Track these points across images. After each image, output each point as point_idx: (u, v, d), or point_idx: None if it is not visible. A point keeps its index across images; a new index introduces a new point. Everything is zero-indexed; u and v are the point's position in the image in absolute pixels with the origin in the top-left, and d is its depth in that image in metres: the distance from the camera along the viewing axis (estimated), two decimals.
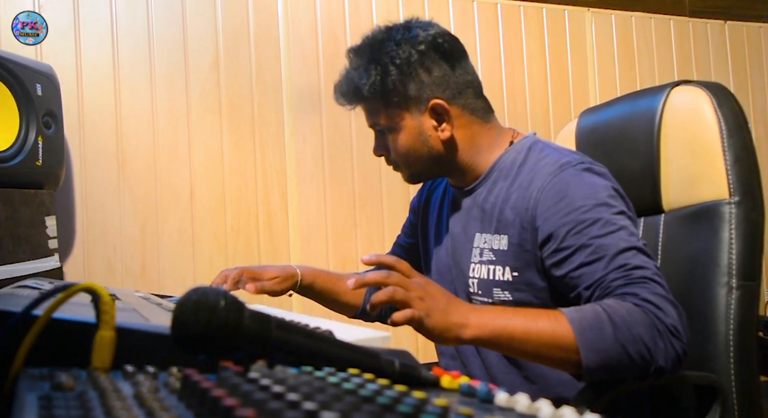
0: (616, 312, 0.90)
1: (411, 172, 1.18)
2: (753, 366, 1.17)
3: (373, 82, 1.10)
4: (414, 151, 1.14)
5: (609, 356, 0.89)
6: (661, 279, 0.96)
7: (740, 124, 1.22)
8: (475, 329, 0.89)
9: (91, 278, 1.85)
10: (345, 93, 1.16)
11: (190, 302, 0.49)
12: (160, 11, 2.05)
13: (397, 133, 1.13)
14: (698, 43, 2.77)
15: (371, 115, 1.16)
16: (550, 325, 0.91)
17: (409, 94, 1.11)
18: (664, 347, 0.90)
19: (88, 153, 1.93)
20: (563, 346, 0.90)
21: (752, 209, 1.19)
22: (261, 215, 2.09)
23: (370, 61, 1.11)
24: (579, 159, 1.08)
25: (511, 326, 0.91)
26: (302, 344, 0.53)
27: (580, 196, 1.02)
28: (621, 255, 0.96)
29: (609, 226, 0.99)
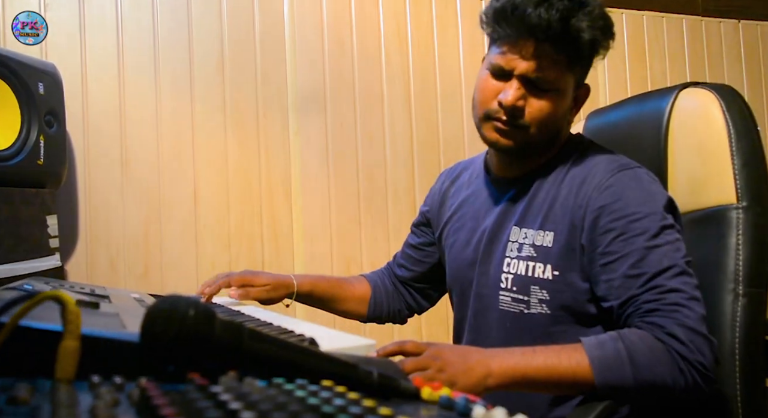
0: (637, 350, 0.91)
1: (530, 140, 1.08)
2: (759, 374, 1.14)
3: (596, 38, 1.02)
4: (556, 122, 1.09)
5: (629, 397, 0.92)
6: (695, 304, 0.96)
7: (749, 128, 1.19)
8: (498, 378, 0.91)
9: (94, 278, 1.85)
10: (552, 26, 0.98)
11: (159, 310, 0.48)
12: (166, 11, 2.04)
13: (558, 98, 1.07)
14: (711, 43, 2.73)
15: (554, 68, 1.03)
16: (570, 367, 0.92)
17: (587, 67, 1.10)
18: (685, 384, 0.91)
19: (91, 152, 1.93)
20: (582, 386, 0.92)
21: (760, 215, 1.16)
22: (265, 215, 2.08)
23: (601, 18, 1.03)
24: (631, 162, 1.09)
25: (533, 369, 0.92)
26: (276, 355, 0.51)
27: (635, 202, 1.01)
28: (661, 275, 0.96)
29: (657, 239, 0.98)
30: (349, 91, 2.21)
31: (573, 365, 0.92)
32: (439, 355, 0.89)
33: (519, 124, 1.07)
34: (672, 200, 1.06)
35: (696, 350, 0.92)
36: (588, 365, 0.91)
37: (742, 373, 1.12)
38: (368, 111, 2.22)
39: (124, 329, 0.57)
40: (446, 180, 1.34)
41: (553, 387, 0.94)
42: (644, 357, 0.90)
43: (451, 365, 0.89)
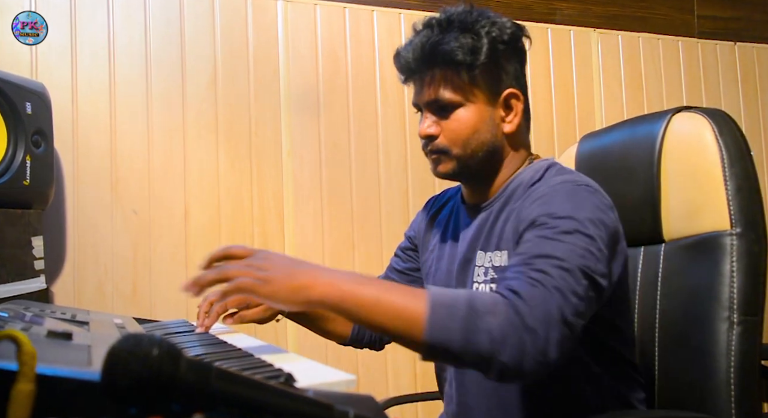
0: (479, 298, 0.85)
1: (458, 161, 1.09)
2: (755, 402, 1.11)
3: (469, 49, 1.04)
4: (478, 134, 1.08)
5: (451, 338, 0.82)
6: (557, 294, 0.86)
7: (742, 153, 1.18)
8: (323, 290, 0.84)
9: (81, 300, 1.83)
10: (427, 56, 1.06)
11: (120, 350, 0.46)
12: (158, 28, 2.04)
13: (466, 110, 1.07)
14: (707, 65, 2.73)
15: (442, 86, 1.07)
16: (404, 297, 0.86)
17: (494, 73, 1.08)
18: (513, 343, 0.82)
19: (80, 172, 1.91)
20: (411, 320, 0.84)
21: (754, 241, 1.15)
22: (257, 235, 2.06)
23: (466, 31, 1.06)
24: (590, 183, 1.03)
25: (360, 290, 0.85)
26: (245, 396, 0.49)
27: (559, 204, 0.97)
28: (540, 258, 0.90)
29: (562, 235, 0.92)
30: (343, 110, 2.20)
31: (408, 297, 0.86)
32: (265, 265, 0.85)
33: (438, 149, 1.10)
34: (605, 221, 0.98)
35: (538, 315, 0.84)
36: (425, 300, 0.85)
37: (738, 402, 1.09)
38: (362, 131, 2.21)
39: (90, 366, 0.55)
40: (432, 207, 1.34)
41: (380, 319, 0.84)
42: (484, 305, 0.84)
43: (274, 266, 0.85)
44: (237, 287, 0.83)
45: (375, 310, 0.84)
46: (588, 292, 0.90)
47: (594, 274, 0.91)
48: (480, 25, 1.06)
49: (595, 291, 0.91)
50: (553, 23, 2.53)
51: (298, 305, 0.84)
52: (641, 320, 1.29)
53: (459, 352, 0.83)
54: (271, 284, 0.83)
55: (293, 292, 0.83)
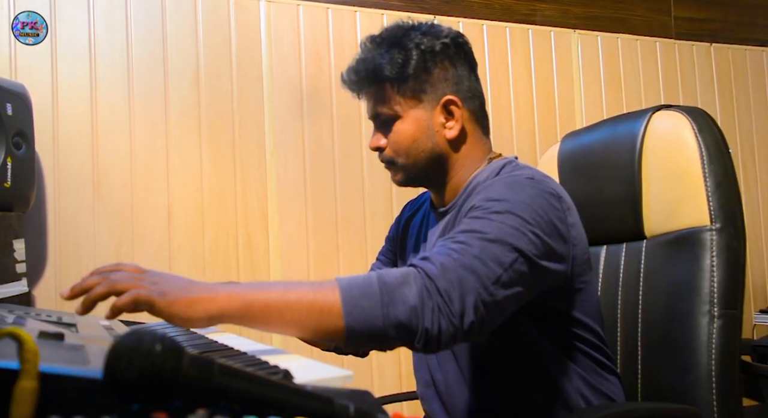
0: (389, 273, 0.85)
1: (405, 169, 1.14)
2: (735, 396, 1.14)
3: (396, 64, 1.07)
4: (417, 143, 1.11)
5: (370, 316, 0.82)
6: (477, 263, 0.87)
7: (721, 150, 1.21)
8: (224, 301, 0.79)
9: (63, 303, 1.80)
10: (360, 73, 1.11)
11: (123, 346, 0.46)
12: (140, 28, 2.02)
13: (403, 121, 1.11)
14: (684, 66, 2.78)
15: (380, 102, 1.11)
16: (313, 289, 0.83)
17: (427, 83, 1.10)
18: (431, 307, 0.83)
19: (62, 173, 1.89)
20: (325, 309, 0.82)
21: (734, 236, 1.17)
22: (241, 236, 2.06)
23: (393, 45, 1.09)
24: (534, 175, 1.03)
25: (265, 293, 0.82)
26: (247, 391, 0.49)
27: (496, 190, 0.98)
28: (464, 233, 0.91)
29: (492, 215, 0.93)
30: (326, 110, 2.21)
31: (316, 287, 0.84)
32: (160, 274, 0.81)
33: (387, 160, 1.15)
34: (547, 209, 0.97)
35: (449, 280, 0.84)
36: (335, 287, 0.83)
37: (719, 394, 1.12)
38: (346, 131, 2.22)
39: (88, 365, 0.55)
40: (409, 210, 1.35)
41: (292, 316, 0.81)
42: (395, 278, 0.84)
43: (169, 281, 0.79)
44: (132, 298, 0.76)
45: (285, 309, 0.81)
46: (515, 264, 0.89)
47: (524, 249, 0.91)
48: (409, 39, 1.09)
49: (524, 266, 0.91)
50: (533, 24, 2.56)
51: (197, 321, 0.78)
52: (623, 314, 1.31)
53: (381, 328, 0.82)
54: (167, 296, 0.77)
55: (191, 305, 0.77)
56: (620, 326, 1.31)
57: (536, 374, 1.07)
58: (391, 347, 0.87)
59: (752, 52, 2.92)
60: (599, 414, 0.94)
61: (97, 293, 0.79)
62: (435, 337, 0.83)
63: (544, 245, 0.94)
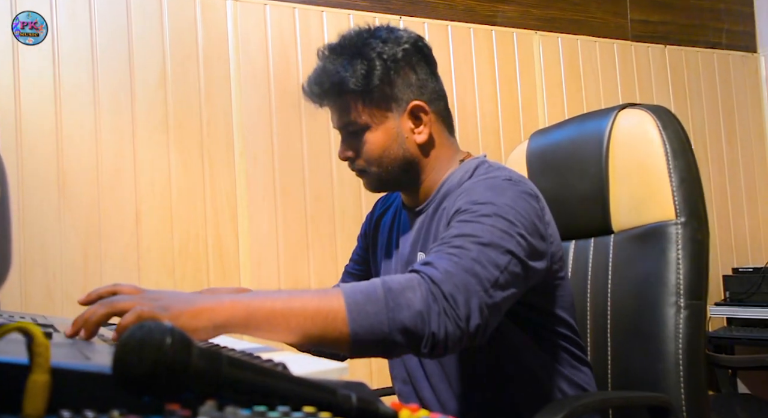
0: (393, 279, 0.85)
1: (378, 177, 1.14)
2: (701, 383, 1.18)
3: (359, 76, 1.06)
4: (389, 151, 1.11)
5: (375, 322, 0.82)
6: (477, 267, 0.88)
7: (684, 147, 1.26)
8: (228, 310, 0.79)
9: (28, 306, 1.77)
10: (323, 85, 1.09)
11: (133, 339, 0.46)
12: (104, 26, 1.99)
13: (372, 132, 1.11)
14: (641, 67, 2.86)
15: (346, 113, 1.11)
16: (317, 296, 0.84)
17: (392, 92, 1.10)
18: (438, 311, 0.83)
19: (25, 174, 1.85)
20: (330, 316, 0.82)
21: (697, 230, 1.22)
22: (210, 237, 2.04)
23: (355, 56, 1.08)
24: (512, 176, 1.06)
25: (270, 301, 0.82)
26: (255, 382, 0.50)
27: (480, 193, 1.00)
28: (459, 238, 0.92)
29: (482, 218, 0.95)
30: (295, 110, 2.20)
31: (321, 294, 0.84)
32: (160, 297, 0.80)
33: (358, 169, 1.15)
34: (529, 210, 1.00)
35: (452, 284, 0.85)
36: (340, 295, 0.83)
37: (687, 382, 1.16)
38: (315, 130, 2.22)
39: (89, 361, 0.55)
40: (381, 208, 1.36)
41: (297, 323, 0.81)
42: (399, 283, 0.84)
43: (170, 297, 0.80)
44: (137, 315, 0.75)
45: (290, 316, 0.81)
46: (509, 266, 0.92)
47: (515, 252, 0.93)
48: (370, 48, 1.08)
49: (517, 267, 0.93)
50: (496, 25, 2.61)
51: (203, 331, 0.77)
52: (593, 307, 1.35)
53: (387, 334, 0.82)
54: (171, 310, 0.76)
55: (195, 316, 0.77)
56: (590, 318, 1.35)
57: (515, 368, 1.10)
58: (397, 354, 0.88)
59: (703, 54, 3.03)
60: (578, 403, 0.97)
61: (99, 314, 0.77)
62: (442, 341, 0.84)
63: (529, 246, 0.96)
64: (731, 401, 2.69)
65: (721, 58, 3.07)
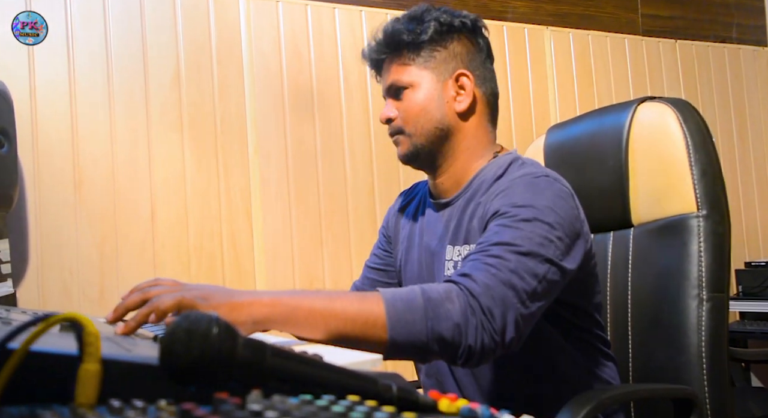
0: (432, 289, 0.86)
1: (412, 140, 1.14)
2: (725, 376, 1.18)
3: (414, 31, 1.11)
4: (427, 112, 1.13)
5: (415, 331, 0.83)
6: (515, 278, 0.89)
7: (705, 139, 1.25)
8: (268, 306, 0.80)
9: (46, 303, 1.77)
10: (379, 43, 1.14)
11: (180, 329, 0.46)
12: (119, 25, 1.99)
13: (415, 90, 1.13)
14: (651, 62, 2.85)
15: (396, 68, 1.14)
16: (357, 299, 0.85)
17: (440, 54, 1.13)
18: (475, 325, 0.85)
19: (42, 173, 1.85)
20: (370, 320, 0.83)
21: (719, 222, 1.22)
22: (225, 234, 2.04)
23: (414, 18, 1.14)
24: (549, 173, 1.07)
25: (310, 300, 0.83)
26: (298, 372, 0.50)
27: (519, 194, 1.00)
28: (498, 246, 0.92)
29: (521, 223, 0.95)
30: (308, 107, 2.21)
31: (360, 298, 0.85)
32: (199, 287, 0.81)
33: (395, 130, 1.16)
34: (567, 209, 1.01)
35: (490, 297, 0.86)
36: (379, 299, 0.84)
37: (710, 375, 1.16)
38: (327, 127, 2.22)
39: (130, 352, 0.55)
40: (404, 201, 1.35)
41: (336, 325, 0.82)
42: (438, 294, 0.85)
43: (209, 288, 0.81)
44: (177, 301, 0.76)
45: (330, 318, 0.82)
46: (547, 275, 0.93)
47: (554, 258, 0.94)
48: (428, 13, 1.14)
49: (556, 275, 0.94)
50: (507, 21, 2.60)
51: (242, 325, 0.76)
52: (613, 301, 1.35)
53: (424, 343, 0.84)
54: (211, 301, 0.77)
55: (234, 310, 0.77)
56: (610, 311, 1.35)
57: (543, 364, 1.09)
58: (430, 360, 0.89)
59: (714, 48, 3.02)
60: (605, 395, 0.97)
61: (136, 300, 0.79)
62: (477, 353, 0.85)
63: (566, 248, 0.97)
64: (745, 394, 2.69)
65: (732, 52, 3.05)
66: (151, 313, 0.78)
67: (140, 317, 0.78)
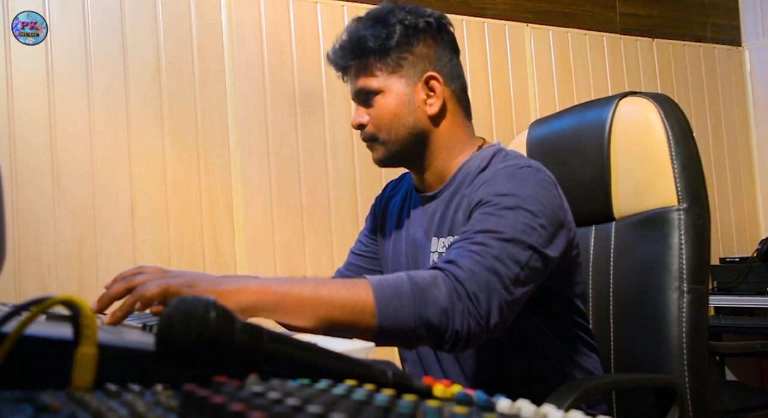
0: (418, 275, 0.87)
1: (387, 147, 1.14)
2: (704, 366, 1.20)
3: (379, 37, 1.09)
4: (399, 118, 1.12)
5: (403, 316, 0.84)
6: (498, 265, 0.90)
7: (686, 134, 1.27)
8: (255, 293, 0.79)
9: (23, 297, 1.74)
10: (345, 48, 1.12)
11: (178, 313, 0.46)
12: (98, 18, 1.96)
13: (385, 96, 1.12)
14: (629, 60, 2.89)
15: (363, 75, 1.12)
16: (345, 286, 0.85)
17: (408, 57, 1.12)
18: (461, 310, 0.86)
19: (19, 166, 1.82)
20: (358, 307, 0.83)
21: (699, 215, 1.24)
22: (206, 229, 2.03)
23: (378, 21, 1.12)
24: (531, 163, 1.08)
25: (298, 287, 0.83)
26: (295, 356, 0.50)
27: (502, 184, 1.01)
28: (482, 233, 0.93)
29: (504, 211, 0.96)
30: (289, 101, 2.19)
31: (348, 285, 0.86)
32: (185, 275, 0.81)
33: (368, 137, 1.15)
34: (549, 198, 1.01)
35: (475, 282, 0.87)
36: (367, 286, 0.85)
37: (690, 365, 1.18)
38: (309, 122, 2.21)
39: (123, 339, 0.54)
40: (390, 191, 1.36)
41: (324, 312, 0.82)
42: (424, 280, 0.86)
43: (196, 275, 0.81)
44: (162, 288, 0.75)
45: (318, 305, 0.82)
46: (530, 262, 0.94)
47: (536, 245, 0.95)
48: (392, 15, 1.12)
49: (538, 262, 0.95)
50: (488, 18, 2.61)
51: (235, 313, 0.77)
52: (595, 293, 1.37)
53: (412, 328, 0.85)
54: (196, 288, 0.77)
55: (220, 297, 0.75)
56: (592, 304, 1.37)
57: (529, 355, 1.10)
58: (417, 346, 0.89)
59: (690, 47, 3.06)
60: (589, 385, 0.98)
61: (120, 289, 0.78)
62: (464, 338, 0.86)
63: (550, 236, 0.98)
64: (719, 387, 2.73)
65: (707, 51, 3.10)
66: (137, 301, 0.77)
67: (126, 307, 0.78)
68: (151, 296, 0.76)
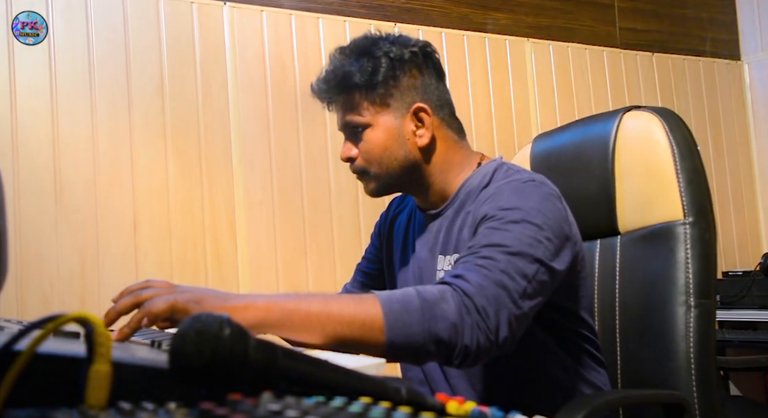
0: (427, 290, 0.87)
1: (379, 180, 1.13)
2: (713, 381, 1.19)
3: (365, 71, 1.07)
4: (389, 151, 1.11)
5: (412, 332, 0.83)
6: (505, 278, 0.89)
7: (691, 148, 1.27)
8: (263, 310, 0.79)
9: (25, 314, 1.74)
10: (329, 82, 1.10)
11: (191, 330, 0.45)
12: (101, 32, 1.97)
13: (374, 130, 1.10)
14: (630, 74, 2.90)
15: (350, 110, 1.11)
16: (353, 301, 0.85)
17: (396, 91, 1.10)
18: (471, 325, 0.85)
19: (21, 182, 1.82)
20: (367, 322, 0.82)
21: (705, 229, 1.23)
22: (208, 244, 2.02)
23: (363, 54, 1.10)
24: (534, 177, 1.07)
25: (306, 303, 0.82)
26: (310, 373, 0.49)
27: (506, 198, 1.01)
28: (488, 247, 0.93)
29: (509, 225, 0.95)
30: (292, 116, 2.20)
31: (357, 300, 0.85)
32: (192, 290, 0.80)
33: (358, 170, 1.14)
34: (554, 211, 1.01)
35: (484, 296, 0.86)
36: (375, 302, 0.84)
37: (698, 380, 1.17)
38: (311, 137, 2.22)
39: (133, 356, 0.54)
40: (396, 208, 1.36)
41: (332, 328, 0.81)
42: (433, 295, 0.85)
43: (203, 291, 0.80)
44: (170, 304, 0.75)
45: (327, 321, 0.81)
46: (537, 275, 0.93)
47: (543, 258, 0.94)
48: (377, 47, 1.10)
49: (545, 275, 0.95)
50: (489, 33, 2.63)
51: None
52: (601, 308, 1.36)
53: (422, 344, 0.84)
54: (203, 304, 0.76)
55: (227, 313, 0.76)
56: (598, 319, 1.36)
57: (538, 371, 1.10)
58: (426, 362, 0.88)
59: (689, 61, 3.08)
60: (598, 401, 0.97)
61: (126, 304, 0.77)
62: (473, 353, 0.85)
63: (555, 249, 0.97)
64: (725, 403, 2.72)
65: (707, 65, 3.12)
66: (144, 317, 0.77)
67: (134, 324, 0.77)
68: (158, 313, 0.75)
